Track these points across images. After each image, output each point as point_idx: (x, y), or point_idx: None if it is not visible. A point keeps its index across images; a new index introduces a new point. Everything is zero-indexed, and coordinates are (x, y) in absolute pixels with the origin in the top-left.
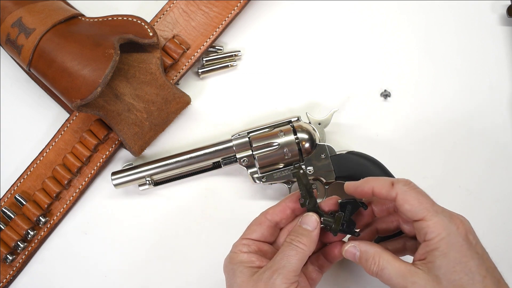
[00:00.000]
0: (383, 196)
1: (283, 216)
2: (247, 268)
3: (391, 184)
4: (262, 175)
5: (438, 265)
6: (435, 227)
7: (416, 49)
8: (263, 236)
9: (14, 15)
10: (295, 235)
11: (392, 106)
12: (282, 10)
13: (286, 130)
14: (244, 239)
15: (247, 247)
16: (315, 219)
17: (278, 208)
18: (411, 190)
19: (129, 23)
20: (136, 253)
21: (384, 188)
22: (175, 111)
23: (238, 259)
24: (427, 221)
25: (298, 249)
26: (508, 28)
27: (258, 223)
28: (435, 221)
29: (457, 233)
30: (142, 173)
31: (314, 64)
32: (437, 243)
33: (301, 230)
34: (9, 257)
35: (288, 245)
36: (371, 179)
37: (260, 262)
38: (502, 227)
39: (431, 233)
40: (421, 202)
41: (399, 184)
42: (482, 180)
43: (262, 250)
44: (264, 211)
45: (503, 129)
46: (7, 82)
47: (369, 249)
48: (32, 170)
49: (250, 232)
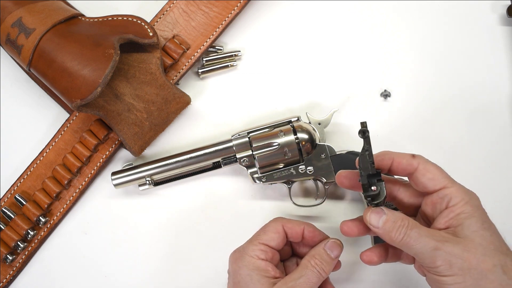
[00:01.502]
0: (402, 166)
1: (296, 236)
2: (264, 277)
3: (411, 155)
4: (262, 175)
5: (467, 224)
6: (458, 192)
7: (416, 49)
8: (277, 246)
9: (14, 15)
10: (320, 260)
11: (392, 106)
12: (282, 10)
13: (286, 130)
14: (262, 245)
15: (265, 254)
16: (340, 247)
17: (297, 228)
18: (430, 162)
19: (129, 23)
20: (136, 253)
21: (405, 159)
22: (175, 111)
23: (256, 265)
24: (450, 187)
25: (320, 276)
26: (508, 28)
27: (276, 231)
28: (457, 188)
29: (475, 201)
30: (142, 173)
31: (314, 64)
32: (462, 206)
33: (325, 256)
34: (9, 257)
35: (312, 269)
36: (390, 152)
37: (275, 273)
38: (502, 227)
39: (455, 197)
40: (441, 172)
41: (419, 156)
42: (482, 180)
43: (274, 259)
44: (282, 220)
45: (503, 129)
46: (7, 82)
47: (397, 214)
48: (32, 170)
49: (269, 239)
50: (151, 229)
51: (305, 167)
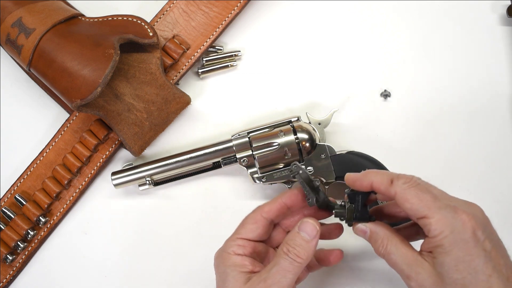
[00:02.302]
0: (382, 192)
1: (279, 213)
2: (240, 273)
3: (390, 181)
4: (262, 175)
5: (440, 262)
6: (438, 225)
7: (416, 49)
8: (258, 236)
9: (14, 15)
10: (293, 245)
11: (392, 106)
12: (282, 10)
13: (286, 130)
14: (239, 239)
15: (242, 248)
16: (315, 226)
17: (275, 206)
18: (410, 187)
19: (129, 23)
20: (136, 253)
21: (383, 185)
22: (175, 111)
23: (231, 261)
24: (429, 218)
25: (295, 263)
26: (508, 28)
27: (254, 221)
28: (438, 219)
29: (462, 230)
30: (142, 173)
31: (314, 64)
32: (439, 240)
33: (298, 239)
34: (9, 257)
35: (285, 256)
36: (371, 172)
37: (253, 267)
38: (502, 227)
39: (434, 230)
40: (421, 199)
41: (398, 181)
42: (482, 180)
43: (256, 251)
44: (260, 208)
45: (503, 129)
46: (7, 82)
47: (379, 231)
48: (32, 170)
49: (246, 232)
50: (151, 229)
51: (305, 167)
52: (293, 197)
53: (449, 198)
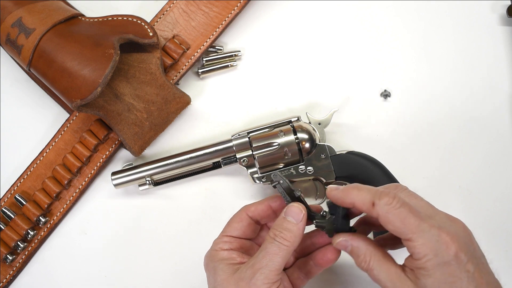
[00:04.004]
0: (364, 211)
1: (265, 215)
2: (228, 265)
3: (371, 204)
4: (262, 175)
5: (423, 283)
6: (421, 249)
7: (416, 49)
8: (244, 234)
9: (14, 15)
10: (279, 229)
11: (392, 106)
12: (282, 10)
13: (286, 130)
14: (225, 236)
15: (229, 244)
16: (300, 210)
17: (260, 207)
18: (393, 210)
19: (129, 23)
20: (136, 253)
21: (365, 206)
22: (175, 111)
23: (219, 257)
24: (413, 241)
25: (282, 246)
26: (508, 28)
27: (239, 220)
28: (421, 243)
29: (445, 253)
30: (142, 173)
31: (314, 64)
32: (423, 263)
33: (285, 223)
34: (9, 257)
35: (271, 241)
36: (353, 191)
37: (242, 258)
38: (502, 227)
39: (418, 254)
40: (404, 223)
41: (380, 202)
42: (482, 180)
43: (243, 247)
44: (245, 207)
45: (503, 129)
46: (7, 82)
47: (361, 246)
48: (32, 170)
49: (231, 230)
50: (151, 229)
51: (305, 167)
52: (278, 201)
53: (432, 213)
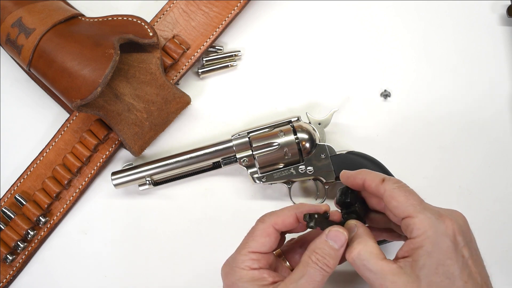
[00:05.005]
0: (372, 190)
1: (292, 226)
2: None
3: (381, 180)
4: (262, 175)
5: (421, 264)
6: (421, 224)
7: (416, 49)
8: (270, 249)
9: (14, 15)
10: (322, 254)
11: (392, 106)
12: (282, 10)
13: (286, 130)
14: (253, 253)
15: (257, 262)
16: (343, 235)
17: (288, 220)
18: (400, 188)
19: (129, 23)
20: (136, 253)
21: (374, 182)
22: (175, 111)
23: (249, 277)
24: (413, 217)
25: (324, 272)
26: (508, 28)
27: (266, 234)
28: (422, 218)
29: (444, 233)
30: (142, 173)
31: (314, 64)
32: (422, 241)
33: (327, 248)
34: (9, 257)
35: (314, 266)
36: (365, 171)
37: (273, 278)
38: (502, 227)
39: (417, 230)
40: (408, 199)
41: (389, 181)
42: (482, 180)
43: (269, 263)
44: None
45: (503, 129)
46: (7, 82)
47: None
48: (32, 170)
49: (258, 245)
50: (151, 229)
51: (305, 167)
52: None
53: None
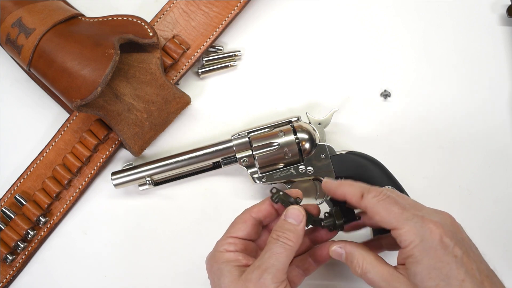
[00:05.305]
0: (353, 205)
1: (268, 214)
2: (234, 267)
3: (360, 196)
4: (262, 175)
5: (413, 272)
6: (407, 235)
7: (416, 49)
8: (248, 234)
9: (14, 15)
10: (282, 230)
11: (392, 106)
12: (282, 10)
13: (286, 130)
14: (229, 238)
15: (233, 245)
16: (300, 212)
17: (264, 206)
18: (379, 200)
19: (129, 23)
20: (136, 253)
21: (354, 198)
22: (175, 111)
23: (224, 258)
24: (399, 229)
25: (286, 246)
26: (508, 28)
27: (243, 220)
28: (407, 229)
29: (430, 238)
30: (142, 173)
31: (314, 64)
32: (410, 250)
33: (287, 225)
34: (9, 257)
35: (275, 242)
36: (345, 184)
37: (247, 260)
38: (502, 227)
39: (404, 241)
40: (389, 212)
41: (368, 195)
42: (482, 180)
43: (247, 249)
44: (249, 209)
45: (503, 129)
46: (7, 82)
47: (354, 251)
48: (32, 170)
49: (235, 230)
50: (151, 229)
51: (305, 167)
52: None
53: (418, 208)
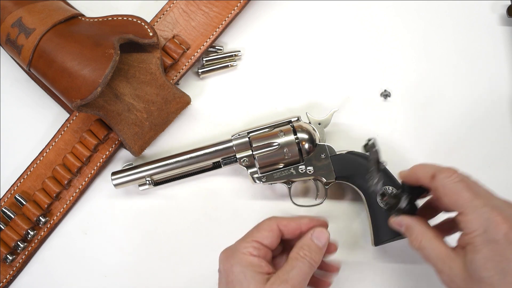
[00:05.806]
0: (425, 185)
1: (293, 233)
2: (257, 273)
3: (432, 176)
4: (262, 175)
5: (470, 259)
6: (471, 223)
7: (416, 49)
8: (271, 244)
9: (14, 15)
10: (309, 250)
11: (392, 106)
12: (282, 10)
13: (286, 130)
14: (255, 242)
15: (257, 250)
16: (327, 236)
17: (292, 224)
18: (450, 183)
19: (129, 23)
20: (136, 253)
21: (426, 178)
22: (175, 111)
23: (248, 261)
24: (464, 216)
25: (312, 267)
26: (508, 28)
27: (270, 229)
28: (472, 217)
29: (494, 231)
30: (142, 173)
31: (314, 64)
32: (472, 238)
33: (314, 246)
34: (9, 257)
35: (303, 260)
36: (419, 165)
37: (268, 268)
38: None
39: (467, 228)
40: (459, 196)
41: (440, 175)
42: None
43: (266, 257)
44: (278, 219)
45: (503, 129)
46: (7, 82)
47: (414, 226)
48: (32, 170)
49: (261, 237)
50: (151, 229)
51: (305, 167)
52: (308, 222)
53: (490, 197)
